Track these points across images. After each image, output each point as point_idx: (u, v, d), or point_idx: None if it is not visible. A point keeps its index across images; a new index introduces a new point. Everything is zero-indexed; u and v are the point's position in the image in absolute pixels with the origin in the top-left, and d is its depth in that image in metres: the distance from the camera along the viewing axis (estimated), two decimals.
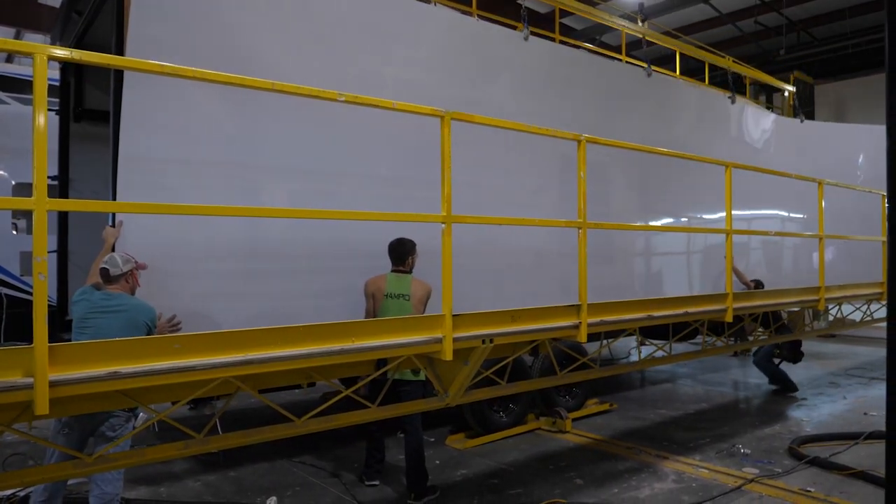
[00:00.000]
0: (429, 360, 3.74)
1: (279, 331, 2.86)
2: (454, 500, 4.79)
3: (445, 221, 3.34)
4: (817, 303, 6.52)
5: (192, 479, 5.22)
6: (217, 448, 3.16)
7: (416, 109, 3.32)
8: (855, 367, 10.33)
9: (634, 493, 4.88)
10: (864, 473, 5.03)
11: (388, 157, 4.74)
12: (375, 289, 4.49)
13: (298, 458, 5.73)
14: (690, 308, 5.01)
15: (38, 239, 2.26)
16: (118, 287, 3.42)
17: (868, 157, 9.42)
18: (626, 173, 6.60)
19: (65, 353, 2.36)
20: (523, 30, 5.50)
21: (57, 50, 2.34)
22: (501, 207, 4.80)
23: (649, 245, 7.07)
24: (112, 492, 3.48)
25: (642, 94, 6.83)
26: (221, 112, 4.01)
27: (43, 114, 2.25)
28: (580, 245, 4.08)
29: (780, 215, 8.91)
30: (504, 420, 6.39)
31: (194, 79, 2.59)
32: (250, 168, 4.14)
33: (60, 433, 3.33)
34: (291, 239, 4.22)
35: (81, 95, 5.52)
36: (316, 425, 3.34)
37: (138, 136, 3.64)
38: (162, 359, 2.55)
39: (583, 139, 4.08)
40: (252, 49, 4.07)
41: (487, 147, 4.98)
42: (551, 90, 5.84)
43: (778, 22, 14.71)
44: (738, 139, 8.37)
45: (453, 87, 5.13)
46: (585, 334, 4.07)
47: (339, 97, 2.99)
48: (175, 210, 3.14)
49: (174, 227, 3.75)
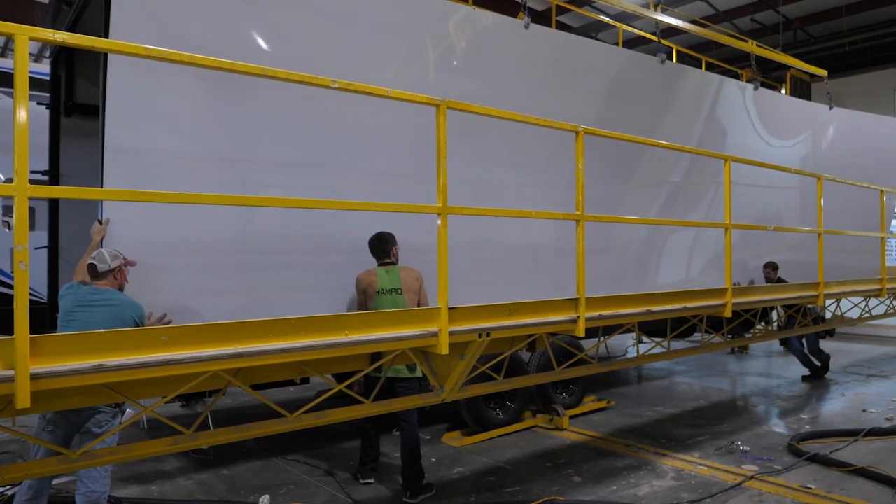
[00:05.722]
0: (424, 355, 3.67)
1: (271, 323, 2.78)
2: (450, 498, 4.72)
3: (441, 212, 3.28)
4: (816, 298, 6.47)
5: (185, 478, 5.14)
6: (207, 444, 3.08)
7: (410, 98, 3.25)
8: (853, 365, 10.29)
9: (633, 490, 4.82)
10: (865, 470, 4.99)
11: (388, 151, 4.67)
12: (367, 285, 4.43)
13: (292, 456, 5.66)
14: (689, 303, 4.95)
15: (20, 227, 2.18)
16: (106, 283, 3.37)
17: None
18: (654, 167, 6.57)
19: (47, 345, 2.28)
20: (524, 18, 5.41)
21: (38, 31, 2.26)
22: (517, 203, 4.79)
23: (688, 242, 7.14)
24: (99, 490, 3.41)
25: (655, 84, 6.67)
26: (212, 104, 3.94)
27: (24, 97, 2.17)
28: (578, 238, 4.02)
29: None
30: (501, 417, 6.33)
31: (181, 63, 2.52)
32: (242, 161, 4.06)
33: (45, 430, 3.26)
34: (283, 233, 4.16)
35: (72, 89, 5.44)
36: (309, 421, 3.26)
37: (124, 128, 3.57)
38: (149, 351, 2.47)
39: (581, 130, 4.02)
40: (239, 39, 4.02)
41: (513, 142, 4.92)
42: (555, 80, 5.74)
43: (775, 20, 14.69)
44: (761, 129, 8.16)
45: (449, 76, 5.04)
46: (584, 328, 4.01)
47: (332, 84, 2.91)
48: (159, 198, 3.06)
49: (162, 223, 3.68)
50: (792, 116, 8.81)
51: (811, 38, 15.57)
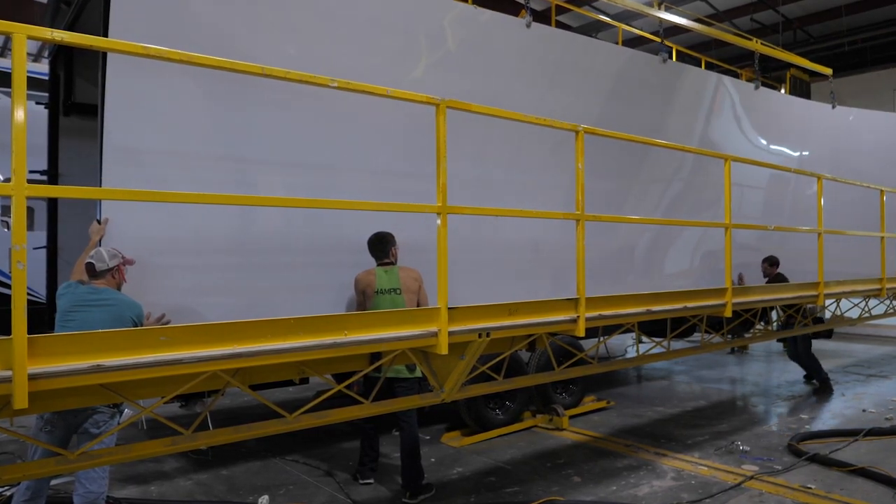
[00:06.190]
0: (424, 355, 3.66)
1: (270, 323, 2.77)
2: (450, 498, 4.71)
3: (441, 212, 3.27)
4: (816, 298, 6.46)
5: (184, 478, 5.13)
6: (206, 444, 3.07)
7: (409, 97, 3.24)
8: (853, 365, 10.29)
9: (633, 490, 4.81)
10: (865, 470, 4.98)
11: (389, 151, 4.66)
12: (366, 285, 4.42)
13: (291, 457, 5.65)
14: (689, 303, 4.94)
15: (17, 226, 2.17)
16: (104, 282, 3.34)
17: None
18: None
19: (45, 345, 2.26)
20: (526, 16, 5.39)
21: (36, 30, 2.25)
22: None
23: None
24: (97, 490, 3.40)
25: (656, 83, 6.66)
26: (211, 103, 3.93)
27: (22, 96, 2.16)
28: (578, 238, 4.01)
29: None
30: (500, 417, 6.32)
31: (180, 62, 2.51)
32: (241, 161, 4.06)
33: (42, 431, 3.24)
34: (283, 233, 4.15)
35: (71, 89, 5.43)
36: (308, 421, 3.25)
37: (123, 128, 3.56)
38: (148, 351, 2.46)
39: (580, 129, 4.01)
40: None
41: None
42: (556, 78, 5.73)
43: (774, 20, 14.70)
44: (762, 127, 8.13)
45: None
46: (584, 328, 4.00)
47: (331, 83, 2.90)
48: (158, 197, 3.05)
49: (161, 223, 3.68)
50: (795, 116, 8.78)
51: (810, 38, 15.58)
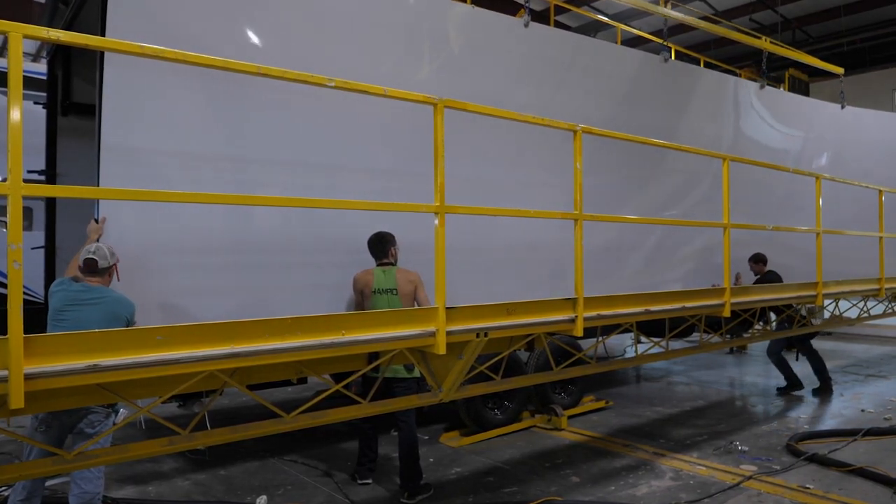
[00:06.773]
0: (422, 355, 3.66)
1: (267, 323, 2.77)
2: (448, 498, 4.71)
3: (438, 212, 3.26)
4: (814, 298, 6.46)
5: (181, 478, 5.12)
6: (203, 444, 3.06)
7: (407, 96, 3.24)
8: (851, 365, 10.30)
9: (631, 490, 4.81)
10: (863, 470, 4.98)
11: (388, 151, 4.65)
12: (364, 284, 4.41)
13: (290, 457, 5.64)
14: (688, 303, 4.94)
15: (13, 225, 2.16)
16: (99, 280, 3.31)
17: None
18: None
19: (41, 345, 2.26)
20: (524, 16, 5.39)
21: (33, 29, 2.25)
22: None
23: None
24: (93, 490, 3.38)
25: (659, 83, 6.64)
26: (209, 102, 3.92)
27: (18, 95, 2.16)
28: (576, 238, 4.01)
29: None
30: (499, 417, 6.31)
31: (177, 61, 2.50)
32: (239, 160, 4.05)
33: (37, 431, 3.22)
34: (281, 232, 4.14)
35: (69, 89, 5.43)
36: (306, 421, 3.24)
37: (121, 127, 3.55)
38: (144, 351, 2.45)
39: (579, 129, 4.01)
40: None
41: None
42: (555, 78, 5.73)
43: (773, 20, 14.69)
44: (768, 127, 8.09)
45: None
46: (582, 328, 3.99)
47: (328, 83, 2.90)
48: (156, 197, 3.05)
49: (159, 222, 3.67)
50: (802, 114, 8.76)
51: (810, 38, 15.57)
